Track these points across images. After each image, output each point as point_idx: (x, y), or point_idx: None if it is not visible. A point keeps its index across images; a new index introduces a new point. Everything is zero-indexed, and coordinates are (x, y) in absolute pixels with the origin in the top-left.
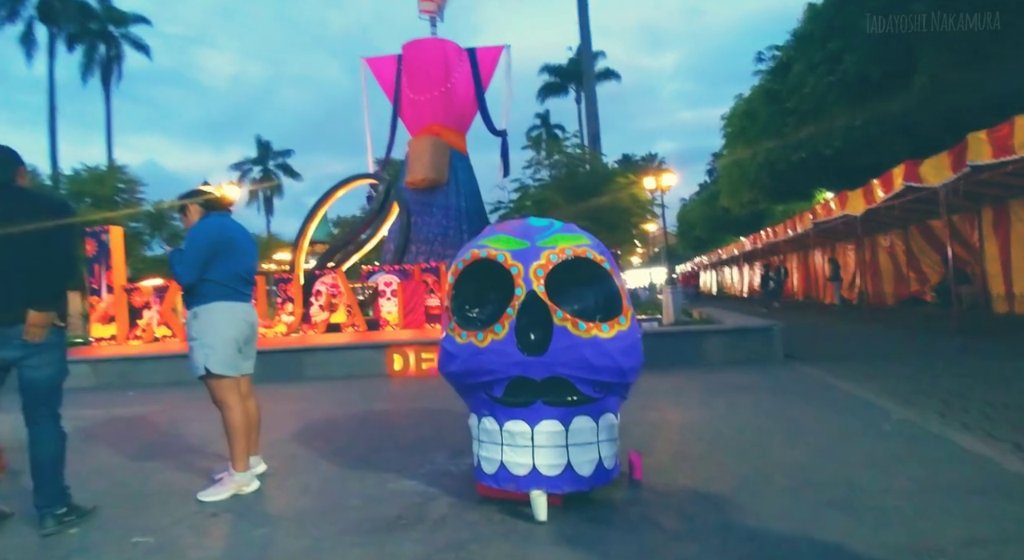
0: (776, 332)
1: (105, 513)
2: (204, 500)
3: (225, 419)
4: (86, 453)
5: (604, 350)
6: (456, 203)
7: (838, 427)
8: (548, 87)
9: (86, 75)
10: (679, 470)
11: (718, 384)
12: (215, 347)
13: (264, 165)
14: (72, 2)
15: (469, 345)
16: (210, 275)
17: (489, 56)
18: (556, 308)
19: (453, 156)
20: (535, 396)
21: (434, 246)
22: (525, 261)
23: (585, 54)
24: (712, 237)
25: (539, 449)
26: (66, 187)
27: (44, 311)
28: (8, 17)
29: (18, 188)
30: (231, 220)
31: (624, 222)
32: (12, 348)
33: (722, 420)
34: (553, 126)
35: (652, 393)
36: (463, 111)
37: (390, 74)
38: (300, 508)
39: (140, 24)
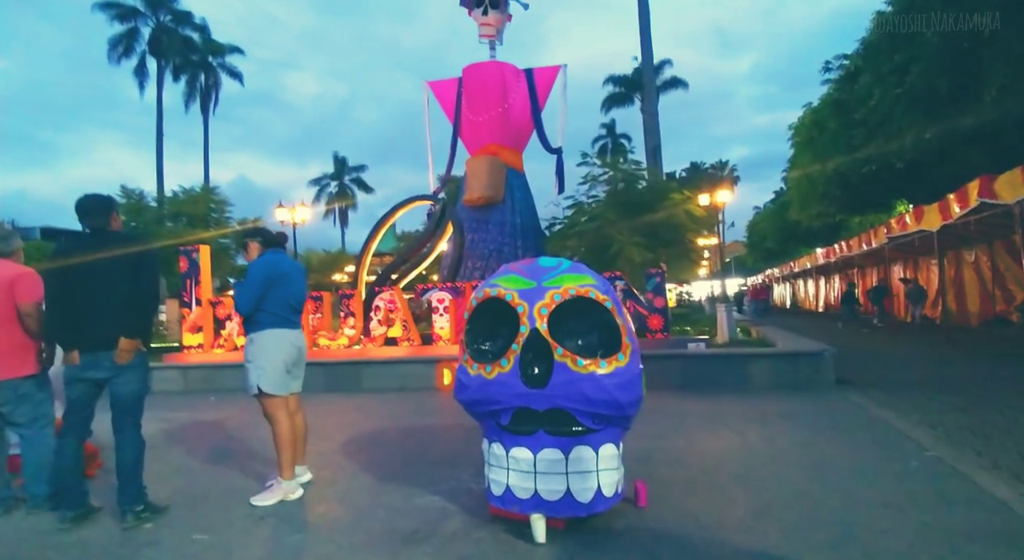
0: (827, 357)
1: (175, 511)
2: (255, 504)
3: (274, 432)
4: (168, 454)
5: (601, 385)
6: (512, 220)
7: (865, 462)
8: (613, 98)
9: (189, 102)
10: (688, 499)
11: (757, 411)
12: (266, 369)
13: (340, 180)
14: (177, 37)
15: (479, 376)
16: (264, 305)
17: (546, 76)
18: (557, 345)
19: (509, 174)
20: (538, 425)
21: (489, 262)
22: (531, 300)
23: (645, 69)
24: (784, 248)
25: (540, 475)
26: (167, 208)
27: (133, 338)
28: (124, 53)
29: (111, 232)
30: (284, 256)
31: (679, 238)
32: (104, 369)
33: (748, 450)
34: (619, 136)
35: (686, 417)
36: (520, 130)
37: (451, 96)
38: (333, 517)
39: (235, 54)
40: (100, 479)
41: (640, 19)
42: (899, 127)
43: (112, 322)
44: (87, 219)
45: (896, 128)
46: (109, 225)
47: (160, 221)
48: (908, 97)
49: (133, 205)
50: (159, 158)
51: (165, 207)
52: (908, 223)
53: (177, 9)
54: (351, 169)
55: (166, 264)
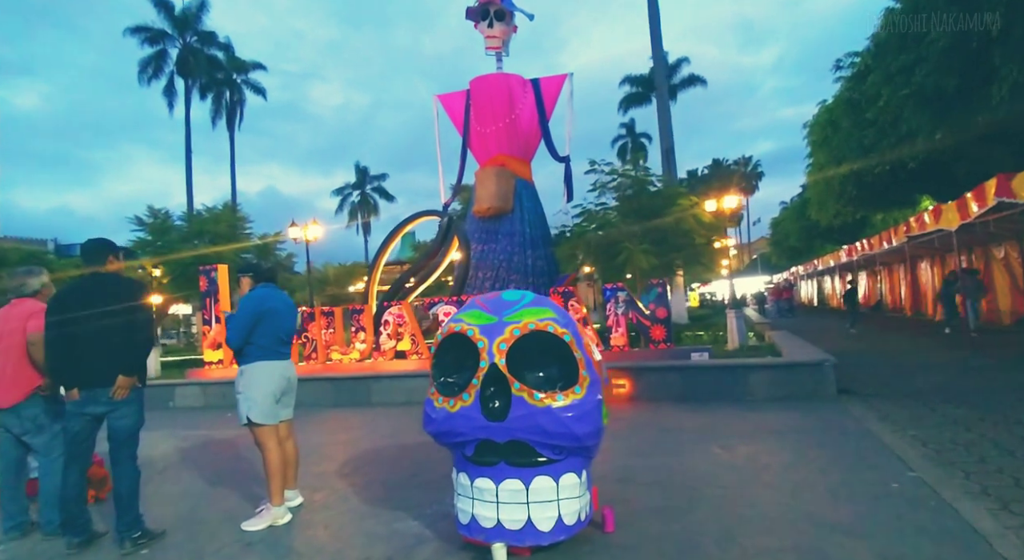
0: (827, 368)
1: (171, 537)
2: (246, 529)
3: (264, 460)
4: (178, 475)
5: (557, 418)
6: (521, 229)
7: (844, 482)
8: (630, 98)
9: (215, 118)
10: (656, 524)
11: (750, 426)
12: (256, 400)
13: (362, 189)
14: (203, 56)
15: (443, 409)
16: (253, 339)
17: (552, 85)
18: (514, 380)
19: (518, 184)
20: (500, 457)
21: (499, 272)
22: (491, 335)
23: (656, 70)
24: (808, 246)
25: (502, 505)
26: (191, 226)
27: (129, 376)
28: (154, 74)
29: (107, 275)
30: (273, 290)
31: (688, 243)
32: (101, 404)
33: (731, 469)
34: (639, 135)
35: (677, 433)
36: (528, 140)
37: (460, 108)
38: (315, 544)
39: (258, 70)
40: (106, 506)
41: (650, 21)
42: (909, 128)
43: (108, 360)
44: (86, 263)
45: (906, 129)
46: (105, 266)
47: (186, 239)
48: (916, 97)
49: (159, 225)
50: (188, 174)
51: (189, 226)
52: (927, 222)
53: (202, 30)
54: (372, 178)
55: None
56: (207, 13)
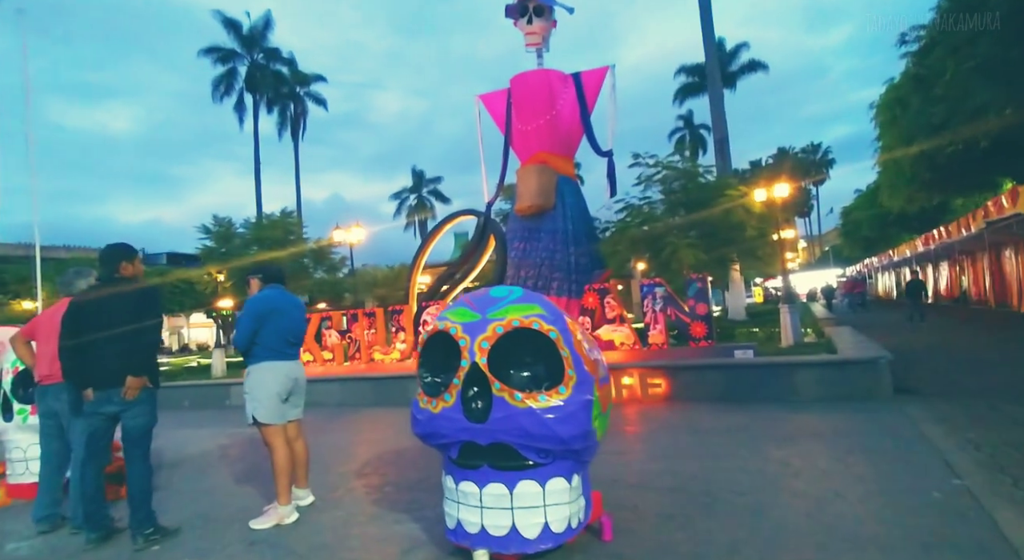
0: (883, 365)
1: (184, 534)
2: (253, 527)
3: (272, 459)
4: (213, 473)
5: (540, 420)
6: (563, 227)
7: (882, 491)
8: (686, 88)
9: (281, 130)
10: (660, 532)
11: (791, 428)
12: (261, 400)
13: (418, 193)
14: (269, 72)
15: (427, 411)
16: (259, 340)
17: (593, 78)
18: (495, 380)
19: (560, 181)
20: (483, 460)
21: (542, 270)
22: (473, 334)
23: (708, 56)
24: (882, 236)
25: (486, 510)
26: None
27: (138, 376)
28: (225, 91)
29: (119, 279)
30: (280, 292)
31: (739, 236)
32: (114, 404)
33: (759, 474)
34: (697, 127)
35: (707, 435)
36: (569, 136)
37: (502, 107)
38: (316, 544)
39: (319, 82)
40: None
41: (700, 4)
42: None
43: (118, 361)
44: (101, 268)
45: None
46: (118, 272)
47: (247, 246)
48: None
49: (222, 233)
50: (257, 184)
51: (250, 233)
52: (1004, 205)
53: (268, 47)
54: (428, 181)
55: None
56: (272, 30)
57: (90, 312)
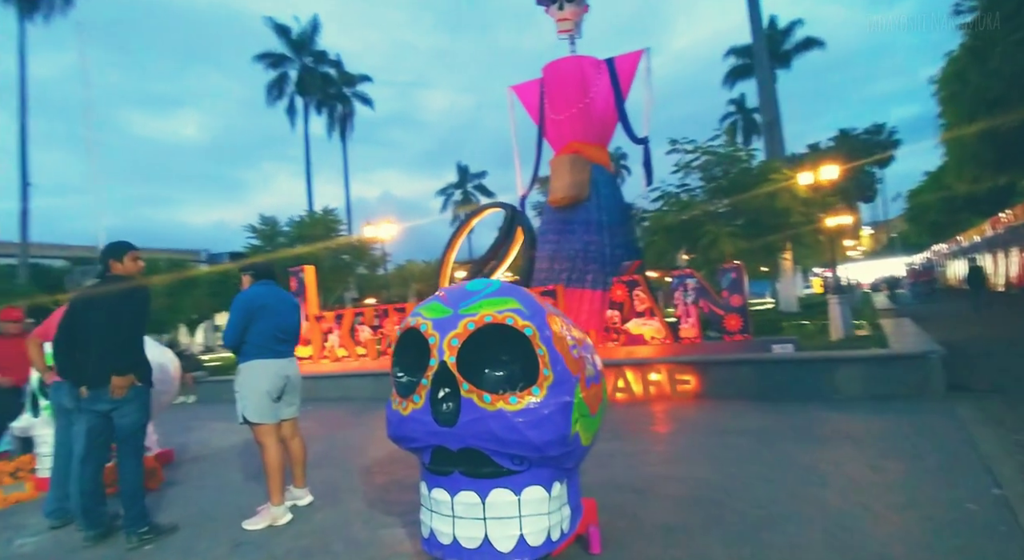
0: (933, 361)
1: (180, 533)
2: (246, 528)
3: (262, 458)
4: (222, 469)
5: (510, 423)
6: (597, 218)
7: (913, 502)
8: (736, 70)
9: (330, 131)
10: (655, 545)
11: (826, 428)
12: (250, 399)
13: (463, 188)
14: (317, 74)
15: (398, 412)
16: (248, 337)
17: (627, 63)
18: (463, 380)
19: (594, 170)
20: (453, 466)
21: (576, 263)
22: (443, 330)
23: (755, 34)
24: (951, 221)
25: (458, 520)
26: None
27: (123, 375)
28: (278, 95)
29: (111, 278)
30: (268, 288)
31: (783, 223)
32: (104, 402)
33: (777, 482)
34: (751, 110)
35: (731, 437)
36: (603, 124)
37: (534, 98)
38: (301, 547)
39: (365, 82)
40: (161, 494)
41: None
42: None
43: (103, 360)
44: (100, 266)
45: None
46: (109, 270)
47: (292, 244)
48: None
49: (267, 232)
50: (308, 184)
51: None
52: None
53: (316, 50)
54: (473, 176)
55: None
56: (319, 34)
57: (80, 310)
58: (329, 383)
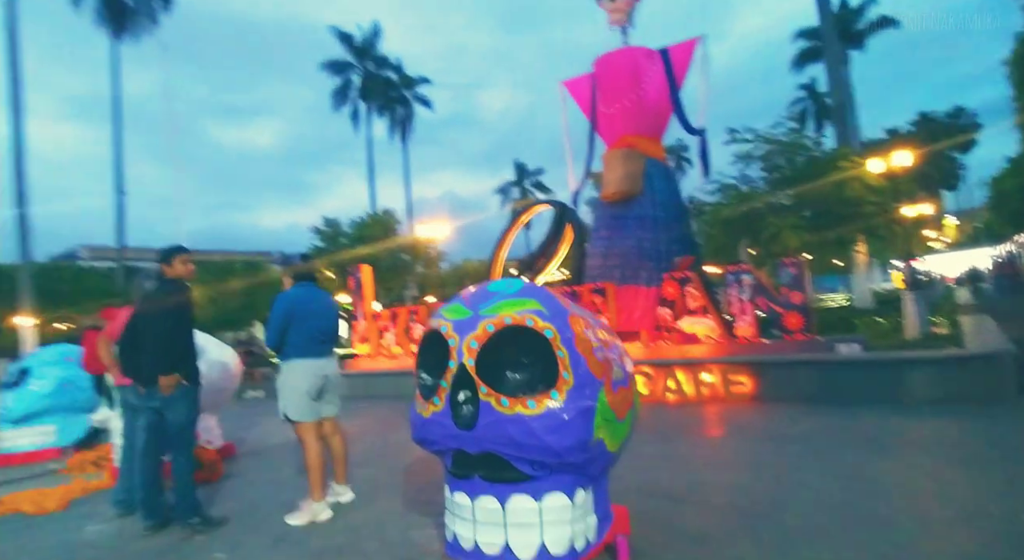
0: (1005, 361)
1: (230, 525)
2: (288, 522)
3: (304, 455)
4: (278, 462)
5: (528, 428)
6: (652, 213)
7: (967, 517)
8: (805, 54)
9: (391, 133)
10: (684, 556)
11: (887, 435)
12: (290, 398)
13: (521, 185)
14: (379, 79)
15: (420, 414)
16: (288, 338)
17: (682, 52)
18: (481, 383)
19: (648, 164)
20: (473, 470)
21: (629, 259)
22: (463, 332)
23: (822, 14)
24: None
25: (479, 525)
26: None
27: (169, 374)
28: (342, 101)
29: (164, 282)
30: (307, 289)
31: (854, 214)
32: (156, 400)
33: (825, 492)
34: (822, 95)
35: (783, 443)
36: (657, 116)
37: (586, 92)
38: (337, 544)
39: (424, 84)
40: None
41: None
42: None
43: (151, 360)
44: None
45: None
46: (162, 275)
47: (353, 244)
48: None
49: (330, 233)
50: (371, 186)
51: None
52: None
53: (377, 55)
54: (530, 173)
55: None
56: (380, 40)
57: (136, 314)
58: (385, 380)
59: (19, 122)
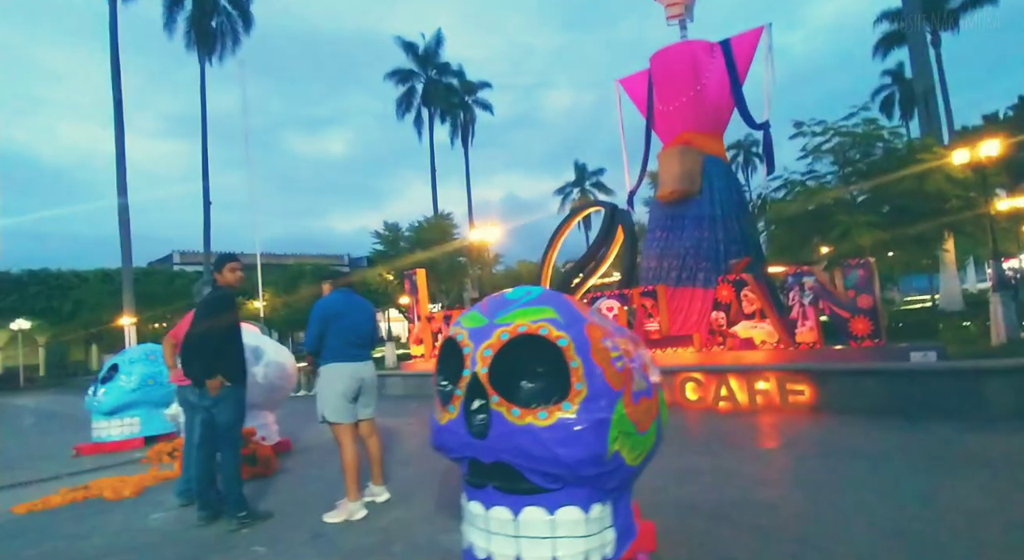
0: None
1: (275, 521)
2: (325, 520)
3: (341, 456)
4: (325, 459)
5: (539, 439)
6: (710, 212)
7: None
8: (889, 38)
9: (453, 138)
10: None
11: (958, 453)
12: (328, 400)
13: (581, 186)
14: (441, 86)
15: (436, 421)
16: (325, 342)
17: (745, 43)
18: (493, 392)
19: (706, 162)
20: (487, 479)
21: (686, 260)
22: (478, 340)
23: None
24: None
25: (492, 535)
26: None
27: (212, 377)
28: (406, 109)
29: (216, 289)
30: (345, 295)
31: (936, 210)
32: (206, 399)
33: (884, 516)
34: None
35: (844, 458)
36: (718, 111)
37: (642, 90)
38: (367, 544)
39: (485, 89)
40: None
41: None
42: None
43: (198, 363)
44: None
45: None
46: (215, 283)
47: (412, 248)
48: None
49: (390, 237)
50: (433, 190)
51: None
52: None
53: (439, 63)
54: (591, 174)
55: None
56: (443, 47)
57: (193, 319)
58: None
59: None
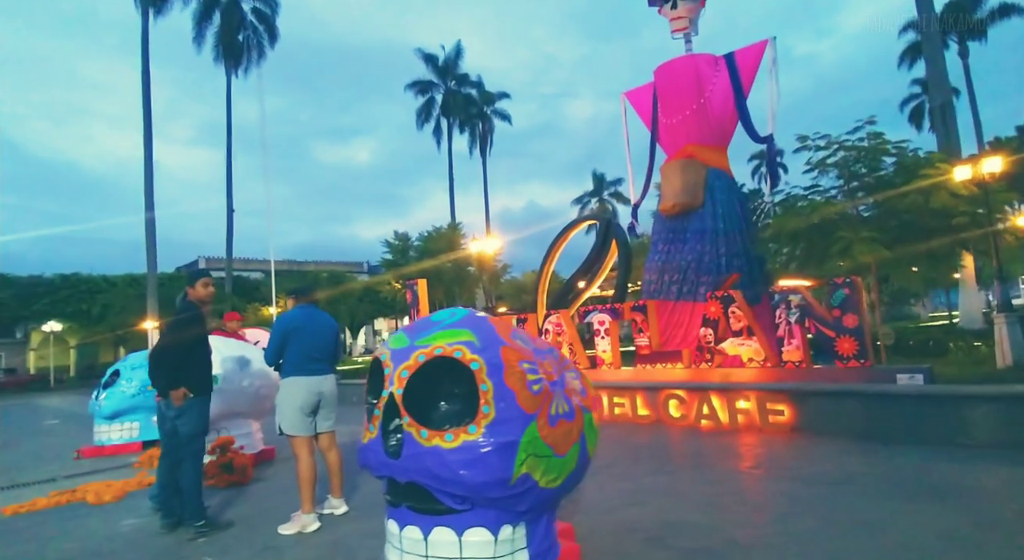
0: None
1: (232, 531)
2: (280, 532)
3: (297, 468)
4: None
5: (444, 461)
6: (712, 226)
7: None
8: (913, 48)
9: (471, 148)
10: None
11: (934, 482)
12: (285, 412)
13: (599, 196)
14: (460, 97)
15: (360, 440)
16: (286, 356)
17: (749, 57)
18: (404, 413)
19: (709, 175)
20: (401, 499)
21: (688, 274)
22: (397, 361)
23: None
24: None
25: (405, 554)
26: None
27: (175, 388)
28: (426, 118)
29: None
30: (305, 310)
31: (941, 228)
32: (171, 410)
33: (819, 544)
34: None
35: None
36: (722, 124)
37: (647, 102)
38: (312, 558)
39: (503, 99)
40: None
41: None
42: None
43: (161, 375)
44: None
45: None
46: (187, 297)
47: (421, 257)
48: None
49: (399, 246)
50: (451, 199)
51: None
52: None
53: (459, 74)
54: (609, 183)
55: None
56: (463, 59)
57: (161, 333)
58: None
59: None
